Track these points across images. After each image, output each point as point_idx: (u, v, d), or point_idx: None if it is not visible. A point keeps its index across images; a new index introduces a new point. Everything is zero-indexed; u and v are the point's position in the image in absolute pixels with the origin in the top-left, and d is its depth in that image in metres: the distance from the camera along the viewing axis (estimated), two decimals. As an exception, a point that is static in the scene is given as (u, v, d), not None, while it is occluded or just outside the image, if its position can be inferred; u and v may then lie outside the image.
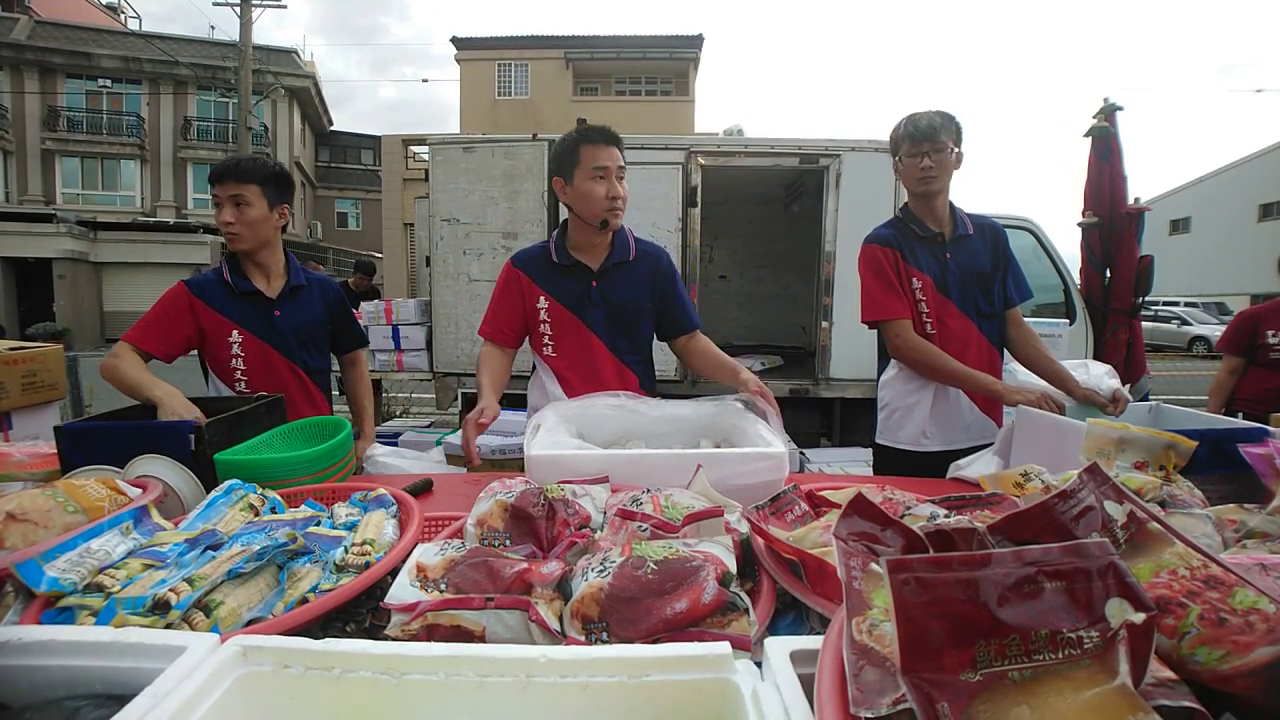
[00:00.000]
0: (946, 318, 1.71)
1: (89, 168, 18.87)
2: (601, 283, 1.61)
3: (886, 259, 1.73)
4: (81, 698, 0.53)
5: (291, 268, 1.71)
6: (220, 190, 1.57)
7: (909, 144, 1.67)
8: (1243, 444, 0.98)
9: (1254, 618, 0.46)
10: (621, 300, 1.62)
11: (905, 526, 0.60)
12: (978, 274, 1.72)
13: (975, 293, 1.72)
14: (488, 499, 0.88)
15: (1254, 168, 18.43)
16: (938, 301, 1.71)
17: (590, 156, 1.50)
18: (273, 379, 1.62)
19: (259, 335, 1.59)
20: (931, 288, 1.71)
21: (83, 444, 1.11)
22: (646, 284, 1.65)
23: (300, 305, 1.68)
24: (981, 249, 1.74)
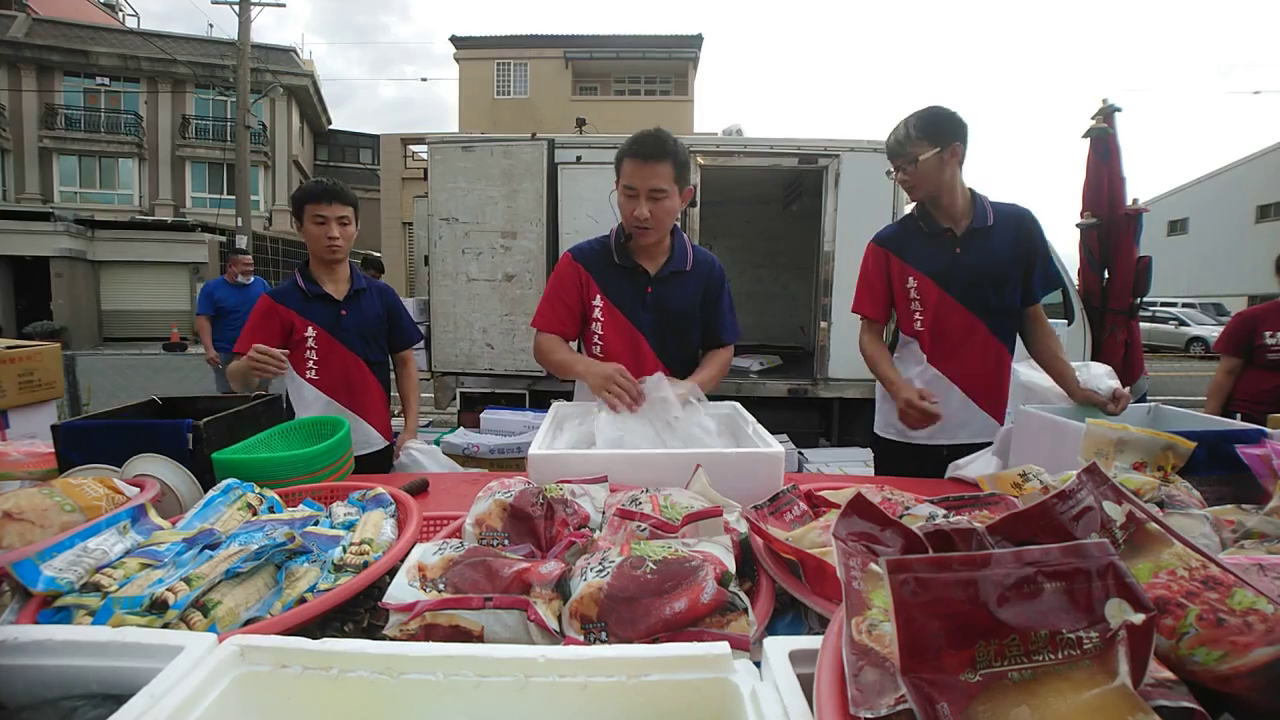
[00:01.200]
0: (947, 314, 1.66)
1: (87, 166, 18.81)
2: (656, 289, 1.60)
3: (877, 259, 1.76)
4: (78, 697, 0.52)
5: (354, 274, 1.94)
6: (328, 210, 1.77)
7: (889, 160, 1.73)
8: (1240, 445, 0.98)
9: (1252, 618, 0.46)
10: (674, 308, 1.61)
11: (904, 527, 0.60)
12: (992, 268, 1.65)
13: (986, 288, 1.65)
14: (486, 498, 0.88)
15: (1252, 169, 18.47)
16: (938, 298, 1.67)
17: (626, 171, 1.47)
18: (339, 369, 1.85)
19: (330, 331, 1.82)
20: (931, 285, 1.67)
21: (80, 443, 1.11)
22: (699, 293, 1.64)
23: (362, 306, 1.90)
24: (1001, 242, 1.66)
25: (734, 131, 4.60)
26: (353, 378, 1.85)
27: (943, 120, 1.63)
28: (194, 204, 19.26)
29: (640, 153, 1.44)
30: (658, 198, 1.46)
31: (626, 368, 1.53)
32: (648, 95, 19.16)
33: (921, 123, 1.63)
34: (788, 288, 5.76)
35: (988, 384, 1.69)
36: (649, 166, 1.44)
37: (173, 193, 19.24)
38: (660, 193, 1.45)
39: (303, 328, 1.81)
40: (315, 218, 1.77)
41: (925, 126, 1.63)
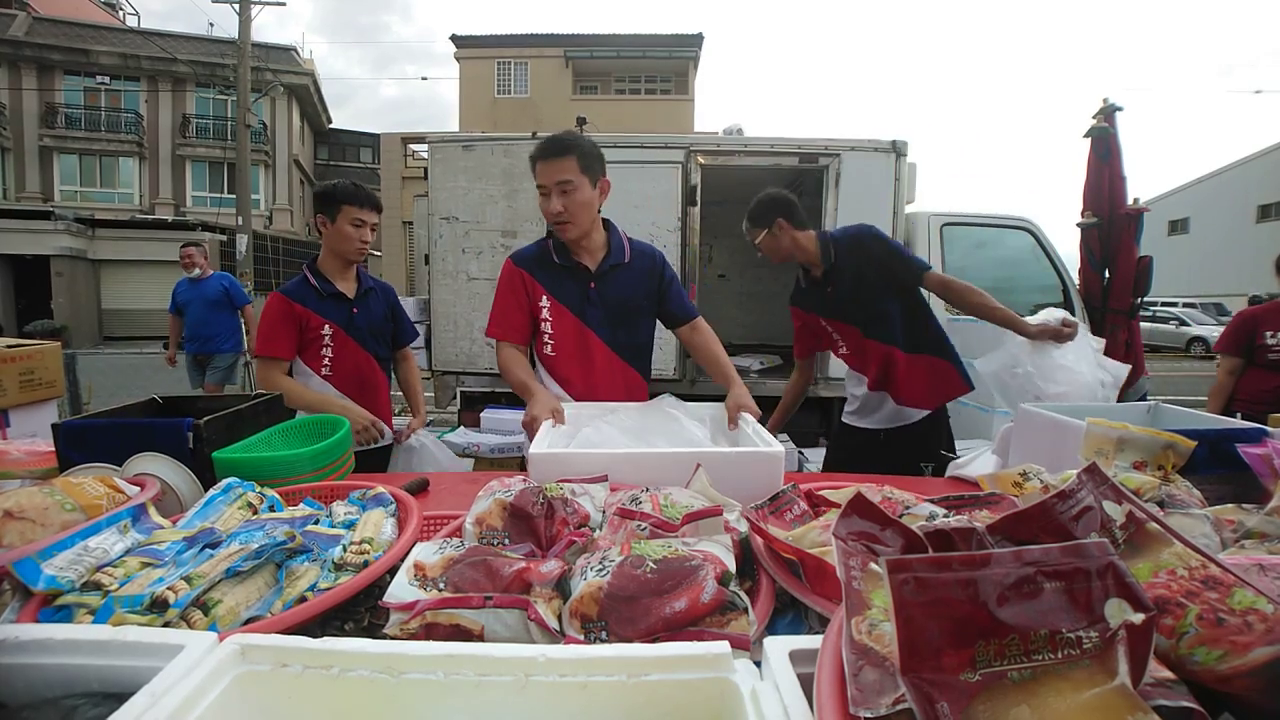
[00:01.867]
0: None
1: (87, 165, 18.80)
2: (599, 284, 1.66)
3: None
4: (79, 696, 0.52)
5: (361, 273, 2.00)
6: (367, 216, 1.85)
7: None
8: (1241, 444, 0.98)
9: (1252, 618, 0.46)
10: (619, 300, 1.67)
11: (904, 526, 0.60)
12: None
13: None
14: (486, 498, 0.88)
15: (1252, 169, 18.46)
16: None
17: (536, 173, 1.55)
18: (351, 365, 1.90)
19: (344, 329, 1.87)
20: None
21: (81, 441, 1.11)
22: (644, 284, 1.71)
23: (371, 304, 1.97)
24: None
25: (734, 131, 4.60)
26: (364, 374, 1.92)
27: (761, 207, 1.99)
28: (194, 203, 19.26)
29: (544, 153, 1.53)
30: (567, 190, 1.52)
31: (578, 362, 1.65)
32: (648, 94, 19.15)
33: (749, 215, 2.02)
34: (788, 287, 5.74)
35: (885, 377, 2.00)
36: (552, 163, 1.51)
37: (173, 192, 19.24)
38: (568, 184, 1.51)
39: (319, 325, 1.84)
40: (354, 220, 1.83)
41: (751, 216, 2.01)
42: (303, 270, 1.91)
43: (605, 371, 1.67)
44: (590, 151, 1.55)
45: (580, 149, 1.53)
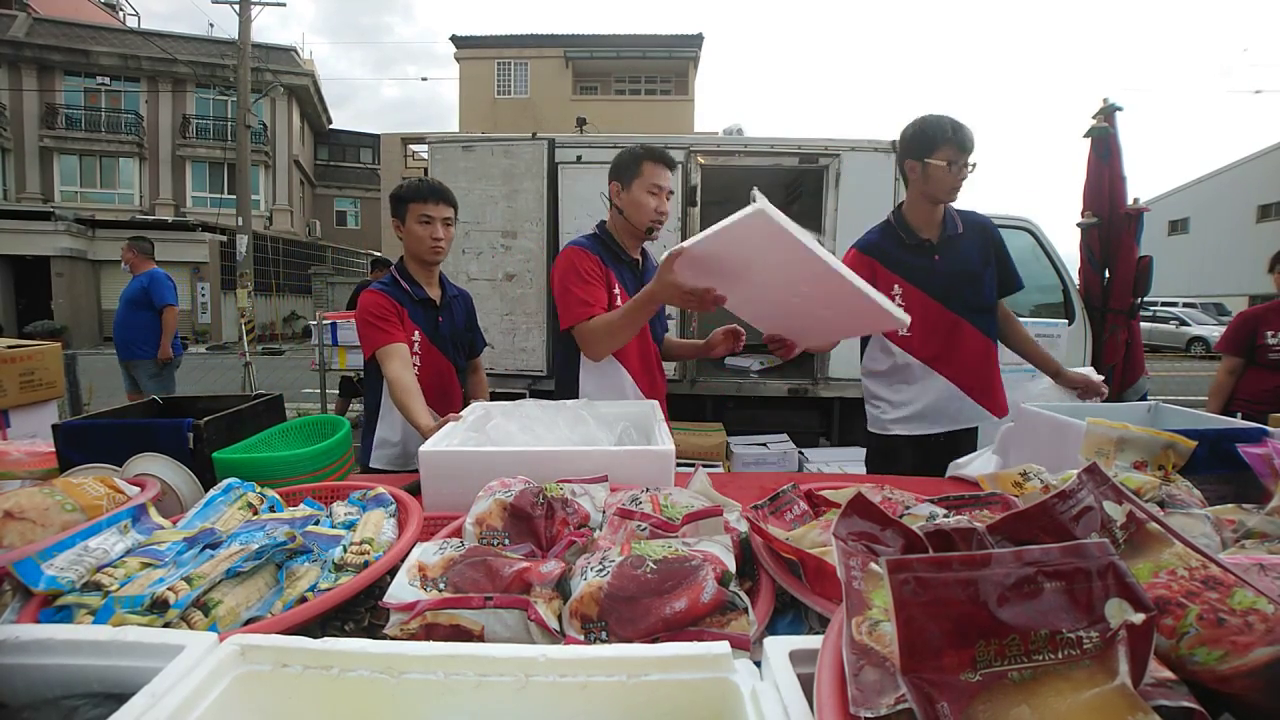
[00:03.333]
0: (932, 318, 1.78)
1: (87, 165, 18.80)
2: (644, 279, 1.77)
3: (861, 265, 1.82)
4: (79, 696, 0.52)
5: (443, 279, 1.90)
6: (434, 210, 1.73)
7: (953, 152, 1.68)
8: (1241, 444, 0.98)
9: (1253, 618, 0.46)
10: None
11: (905, 526, 0.60)
12: (966, 272, 1.80)
13: (965, 291, 1.79)
14: (486, 498, 0.88)
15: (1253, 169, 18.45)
16: (923, 304, 1.77)
17: (650, 173, 1.67)
18: (435, 375, 1.79)
19: (430, 337, 1.78)
20: (916, 293, 1.79)
21: (81, 442, 1.11)
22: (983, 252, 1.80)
23: (454, 312, 1.88)
24: (971, 247, 1.82)
25: (734, 131, 4.60)
26: (446, 385, 1.83)
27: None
28: (194, 203, 19.26)
29: (663, 160, 1.67)
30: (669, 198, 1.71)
31: (638, 355, 1.76)
32: (648, 95, 19.15)
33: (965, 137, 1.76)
34: (788, 287, 5.75)
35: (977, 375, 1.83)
36: (664, 172, 1.68)
37: (173, 192, 19.24)
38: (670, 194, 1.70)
39: (411, 330, 1.74)
40: (422, 217, 1.71)
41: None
42: (390, 271, 1.81)
43: (651, 362, 1.79)
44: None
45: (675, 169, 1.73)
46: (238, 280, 12.56)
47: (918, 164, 1.74)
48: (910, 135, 1.76)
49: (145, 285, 4.35)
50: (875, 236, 1.89)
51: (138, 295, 4.33)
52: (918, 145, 1.73)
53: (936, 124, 1.70)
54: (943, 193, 1.74)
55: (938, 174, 1.70)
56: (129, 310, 4.34)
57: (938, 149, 1.70)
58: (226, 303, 15.75)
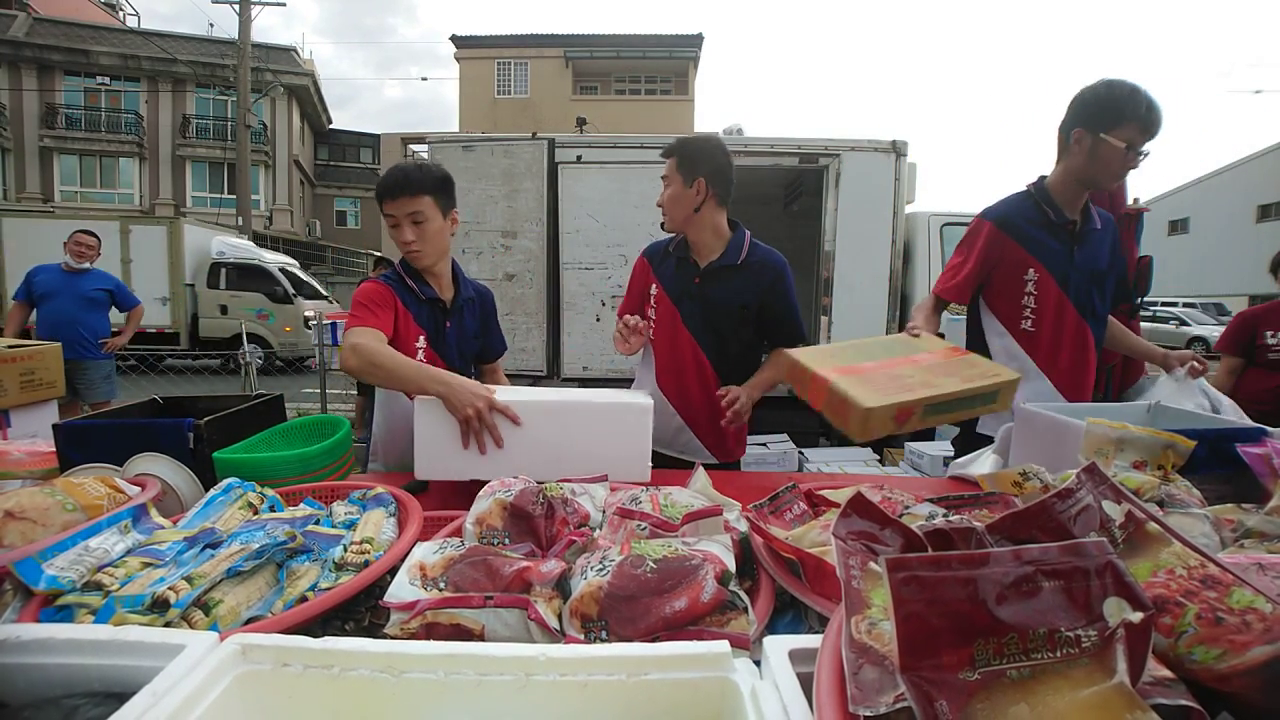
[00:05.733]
0: (1062, 317, 1.57)
1: (87, 165, 18.80)
2: (704, 280, 1.60)
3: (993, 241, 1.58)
4: (80, 696, 0.53)
5: (460, 278, 1.63)
6: (394, 208, 1.44)
7: (1137, 134, 1.43)
8: (1241, 444, 0.98)
9: (1251, 617, 0.46)
10: (721, 300, 1.59)
11: (904, 526, 0.60)
12: (1095, 273, 1.58)
13: (1094, 293, 1.59)
14: (487, 497, 0.88)
15: (1252, 169, 18.45)
16: (1056, 299, 1.56)
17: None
18: None
19: (433, 343, 1.52)
20: (1052, 283, 1.56)
21: (81, 442, 1.11)
22: (754, 291, 1.59)
23: (465, 318, 1.61)
24: (1102, 245, 1.61)
25: (734, 131, 4.60)
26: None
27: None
28: (194, 203, 19.24)
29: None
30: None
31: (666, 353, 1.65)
32: (648, 95, 19.15)
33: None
34: (788, 287, 5.75)
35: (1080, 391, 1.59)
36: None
37: (173, 192, 19.23)
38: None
39: (416, 335, 1.49)
40: (388, 218, 1.46)
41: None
42: (395, 266, 1.56)
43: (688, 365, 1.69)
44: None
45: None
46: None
47: (1089, 136, 1.46)
48: (1092, 100, 1.45)
49: (110, 289, 4.21)
50: (1009, 209, 1.60)
51: (99, 296, 4.13)
52: (1099, 114, 1.44)
53: (1129, 95, 1.41)
54: (1107, 178, 1.49)
55: (1110, 155, 1.44)
56: (86, 310, 4.07)
57: (1122, 124, 1.42)
58: (226, 303, 15.74)
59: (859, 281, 3.95)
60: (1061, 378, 1.59)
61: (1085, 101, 1.46)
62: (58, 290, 4.02)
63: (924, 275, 4.13)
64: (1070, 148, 1.50)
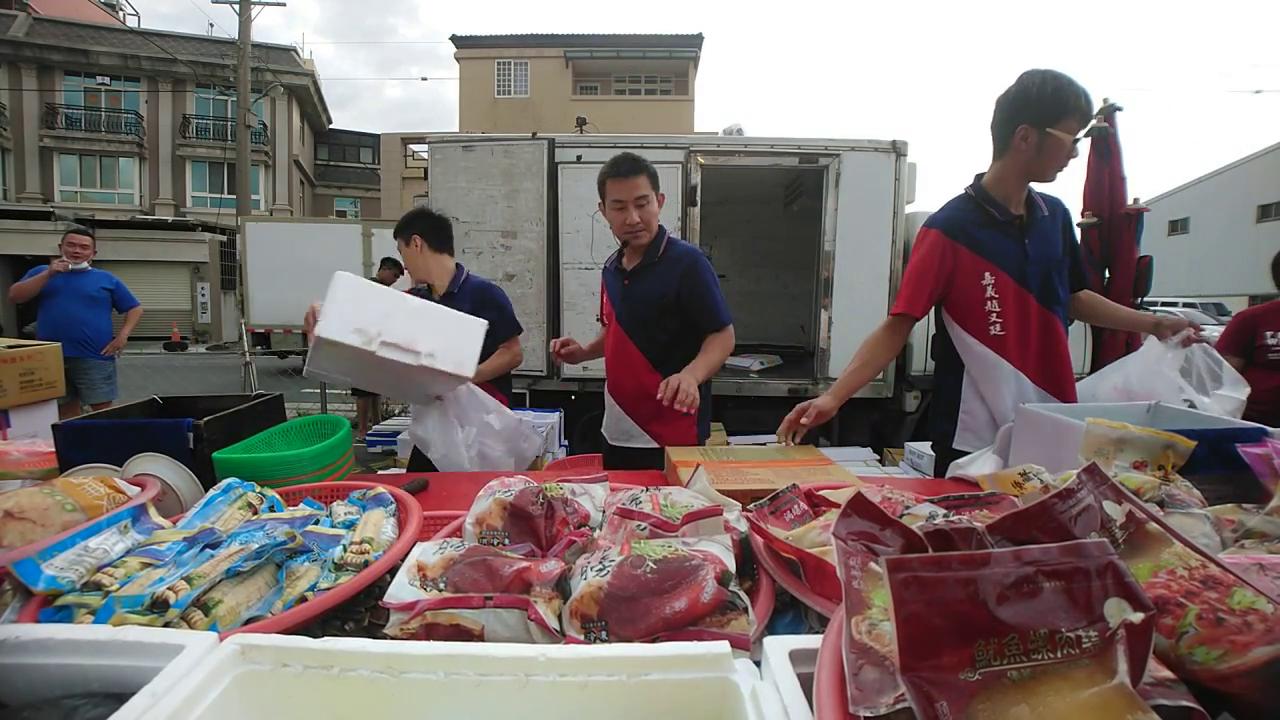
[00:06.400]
0: (1026, 313, 1.55)
1: (87, 165, 18.80)
2: (632, 281, 1.80)
3: (944, 250, 1.56)
4: (79, 696, 0.52)
5: (459, 274, 2.09)
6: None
7: (1078, 121, 1.43)
8: (1241, 444, 0.98)
9: (1252, 618, 0.46)
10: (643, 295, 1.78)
11: (904, 526, 0.60)
12: (1050, 260, 1.56)
13: (1054, 281, 1.57)
14: (486, 497, 0.88)
15: (1252, 169, 18.44)
16: (1016, 296, 1.54)
17: (611, 190, 1.71)
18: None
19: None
20: (1009, 283, 1.54)
21: (81, 442, 1.11)
22: (670, 282, 1.76)
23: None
24: (1054, 231, 1.59)
25: (734, 131, 4.60)
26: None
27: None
28: (194, 203, 19.26)
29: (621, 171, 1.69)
30: (643, 204, 1.72)
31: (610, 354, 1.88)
32: (648, 95, 19.15)
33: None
34: (788, 287, 5.76)
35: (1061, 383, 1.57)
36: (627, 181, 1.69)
37: (173, 192, 19.25)
38: (644, 199, 1.72)
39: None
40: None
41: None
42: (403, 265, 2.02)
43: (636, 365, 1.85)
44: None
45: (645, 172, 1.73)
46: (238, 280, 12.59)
47: (1034, 131, 1.44)
48: (1036, 96, 1.43)
49: (110, 287, 4.22)
50: (954, 213, 1.59)
51: (100, 295, 4.15)
52: (1044, 109, 1.43)
53: (1070, 87, 1.41)
54: (1051, 170, 1.49)
55: (1056, 148, 1.44)
56: (88, 309, 4.09)
57: (1066, 117, 1.42)
58: (226, 302, 15.76)
59: (859, 281, 3.95)
60: (1038, 372, 1.57)
61: (1027, 98, 1.45)
62: (59, 290, 4.03)
63: (924, 275, 4.13)
64: (1015, 144, 1.48)
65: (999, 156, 1.54)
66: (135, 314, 4.35)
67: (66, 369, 4.02)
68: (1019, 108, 1.46)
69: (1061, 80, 1.42)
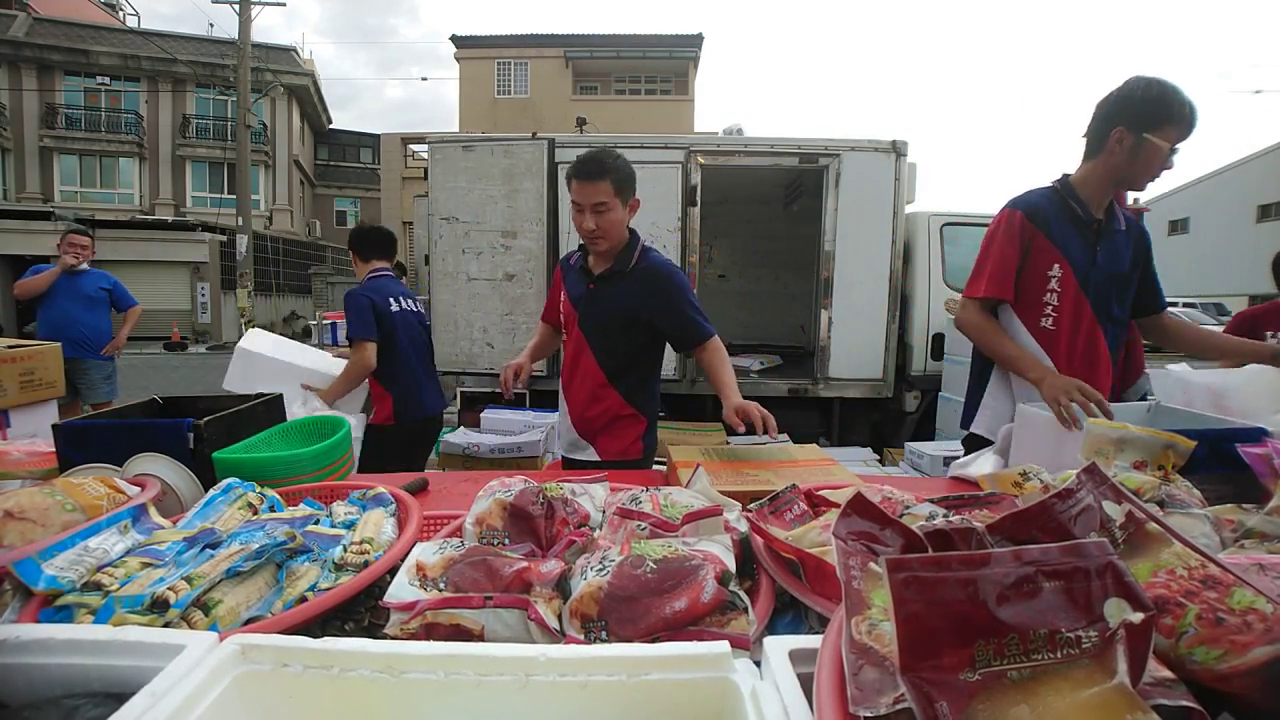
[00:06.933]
0: (1079, 318, 1.54)
1: (87, 165, 18.80)
2: (598, 285, 1.68)
3: (1022, 232, 1.54)
4: (80, 696, 0.52)
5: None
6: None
7: (1179, 131, 1.41)
8: (1241, 444, 0.98)
9: (1251, 617, 0.46)
10: (609, 303, 1.67)
11: (904, 526, 0.60)
12: (1117, 275, 1.56)
13: (1112, 295, 1.57)
14: (486, 497, 0.88)
15: (1252, 169, 18.44)
16: (1075, 298, 1.53)
17: (573, 192, 1.59)
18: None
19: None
20: (1073, 282, 1.53)
21: (81, 442, 1.11)
22: (641, 297, 1.64)
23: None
24: (1125, 247, 1.59)
25: (734, 131, 4.60)
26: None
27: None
28: (194, 203, 19.27)
29: (583, 173, 1.57)
30: (601, 211, 1.58)
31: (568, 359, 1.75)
32: (648, 95, 19.16)
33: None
34: (788, 287, 5.76)
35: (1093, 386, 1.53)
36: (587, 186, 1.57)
37: (173, 192, 19.25)
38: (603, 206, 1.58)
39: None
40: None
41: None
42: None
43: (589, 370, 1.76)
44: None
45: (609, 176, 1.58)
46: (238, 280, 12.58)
47: (1131, 135, 1.42)
48: (1138, 99, 1.41)
49: (109, 289, 4.22)
50: (1038, 199, 1.57)
51: (99, 295, 4.15)
52: (1144, 114, 1.40)
53: (1174, 96, 1.39)
54: (1145, 177, 1.47)
55: (1151, 154, 1.41)
56: (87, 309, 4.08)
57: (1166, 125, 1.39)
58: (226, 302, 15.76)
59: (859, 281, 3.95)
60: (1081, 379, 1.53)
61: (1129, 100, 1.42)
62: (57, 290, 4.04)
63: (924, 275, 4.13)
64: (1109, 146, 1.46)
65: (1090, 157, 1.52)
66: (134, 314, 4.35)
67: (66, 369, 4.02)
68: (1119, 109, 1.43)
69: (1167, 87, 1.39)
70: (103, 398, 4.13)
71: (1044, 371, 1.42)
